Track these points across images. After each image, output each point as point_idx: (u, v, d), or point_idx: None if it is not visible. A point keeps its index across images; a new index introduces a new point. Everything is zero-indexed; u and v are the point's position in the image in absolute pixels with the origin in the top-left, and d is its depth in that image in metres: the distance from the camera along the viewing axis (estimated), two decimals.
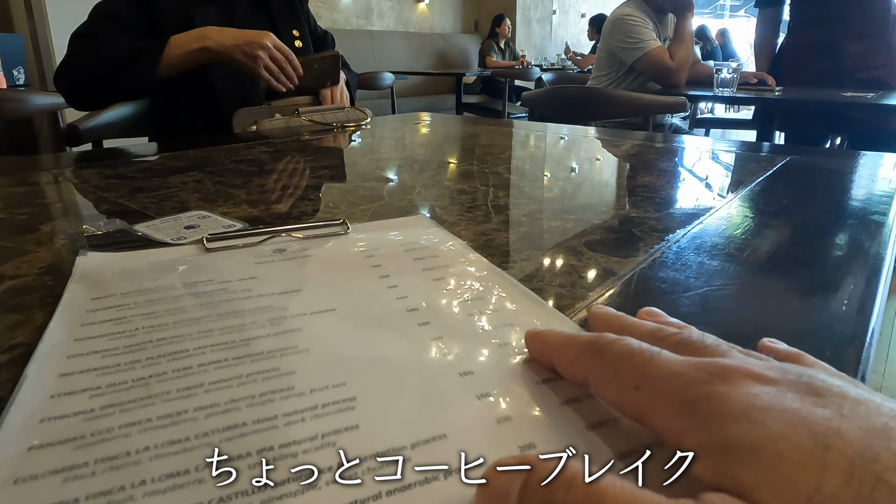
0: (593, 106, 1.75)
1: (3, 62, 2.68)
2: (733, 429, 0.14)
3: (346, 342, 0.24)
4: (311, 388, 0.21)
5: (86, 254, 0.34)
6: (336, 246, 0.36)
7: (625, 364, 0.18)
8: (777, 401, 0.14)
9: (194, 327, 0.25)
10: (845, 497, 0.11)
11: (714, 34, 6.49)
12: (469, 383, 0.21)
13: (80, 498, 0.16)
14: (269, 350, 0.23)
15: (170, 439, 0.18)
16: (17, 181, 0.58)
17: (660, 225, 0.43)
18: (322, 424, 0.19)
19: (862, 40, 2.04)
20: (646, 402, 0.17)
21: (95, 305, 0.28)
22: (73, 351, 0.23)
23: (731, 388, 0.15)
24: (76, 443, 0.18)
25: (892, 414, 0.14)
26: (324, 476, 0.16)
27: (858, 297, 0.32)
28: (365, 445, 0.18)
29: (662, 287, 0.32)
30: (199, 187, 0.55)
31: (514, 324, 0.26)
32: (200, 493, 0.16)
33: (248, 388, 0.21)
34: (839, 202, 0.55)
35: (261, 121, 0.98)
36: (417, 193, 0.54)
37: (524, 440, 0.18)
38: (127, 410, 0.19)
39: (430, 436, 0.18)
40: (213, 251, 0.35)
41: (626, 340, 0.19)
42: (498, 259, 0.36)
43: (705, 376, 0.16)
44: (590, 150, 0.84)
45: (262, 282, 0.30)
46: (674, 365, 0.17)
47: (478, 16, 6.43)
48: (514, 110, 4.21)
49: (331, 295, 0.29)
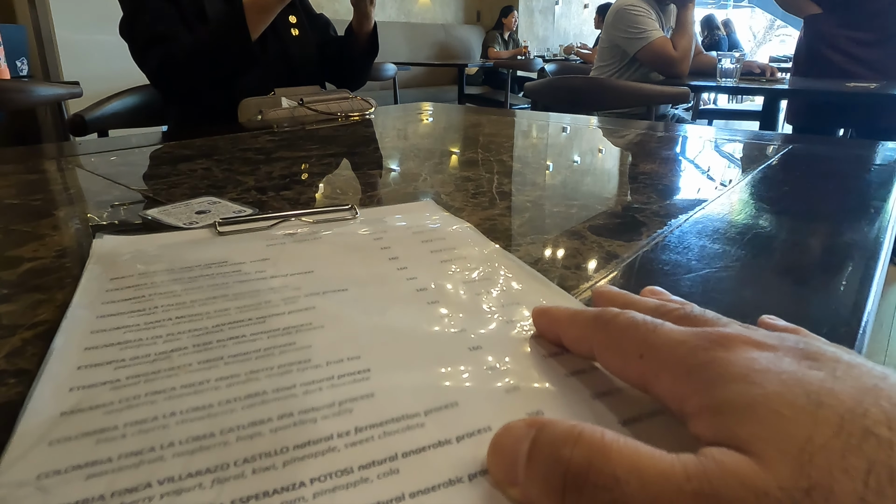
0: (596, 96, 1.75)
1: (6, 53, 2.68)
2: (732, 389, 0.15)
3: (358, 319, 0.25)
4: (327, 360, 0.22)
5: (102, 237, 0.35)
6: (345, 229, 0.37)
7: (629, 335, 0.19)
8: (774, 364, 0.15)
9: (211, 306, 0.26)
10: (835, 447, 0.12)
11: (718, 24, 6.44)
12: (478, 356, 0.22)
13: (112, 457, 0.17)
14: (284, 327, 0.24)
15: (194, 406, 0.19)
16: (29, 169, 0.59)
17: (662, 211, 0.44)
18: (339, 393, 0.20)
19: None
20: (649, 369, 0.17)
21: (114, 285, 0.29)
22: (96, 327, 0.24)
23: (731, 353, 0.16)
24: (105, 409, 0.19)
25: (881, 376, 0.14)
26: (342, 439, 0.17)
27: (857, 279, 0.32)
28: (380, 412, 0.19)
29: (665, 269, 0.33)
30: (208, 174, 0.56)
31: (521, 302, 0.27)
32: (226, 454, 0.17)
33: (267, 360, 0.22)
34: (839, 189, 0.55)
35: (266, 110, 0.99)
36: (423, 181, 0.54)
37: (532, 408, 0.19)
38: (151, 380, 0.20)
39: (442, 404, 0.19)
40: (226, 234, 0.36)
41: (630, 313, 0.19)
42: (503, 243, 0.37)
43: (707, 344, 0.17)
44: (592, 139, 0.84)
45: (275, 263, 0.31)
46: (676, 334, 0.18)
47: (480, 6, 6.39)
48: (517, 101, 4.20)
49: (342, 275, 0.30)
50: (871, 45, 1.99)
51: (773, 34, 10.64)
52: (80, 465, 0.16)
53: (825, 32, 2.05)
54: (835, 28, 2.02)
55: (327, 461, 0.16)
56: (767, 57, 6.42)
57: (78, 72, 3.03)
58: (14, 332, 0.25)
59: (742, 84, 2.00)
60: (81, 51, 3.17)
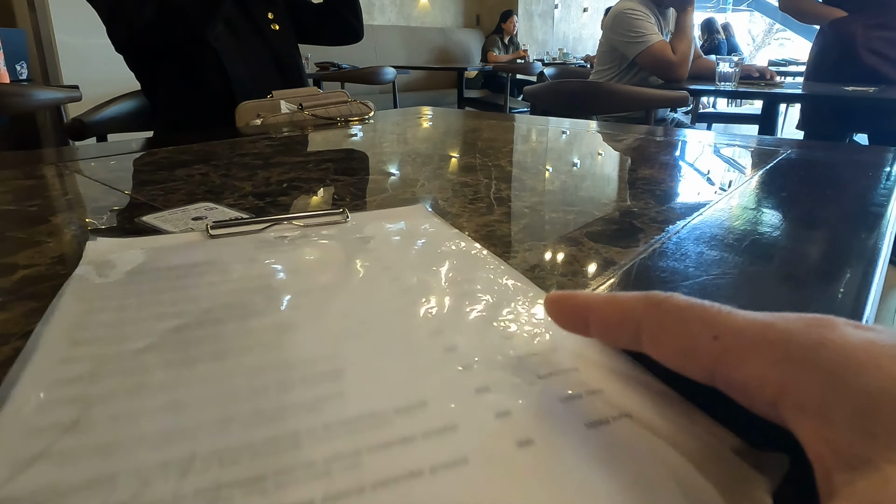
0: (595, 100, 1.75)
1: (6, 57, 2.69)
2: (867, 382, 0.13)
3: (336, 319, 0.25)
4: (302, 359, 0.22)
5: (95, 239, 0.36)
6: (335, 233, 0.37)
7: (698, 313, 0.17)
8: (892, 345, 0.13)
9: (195, 304, 0.26)
10: None
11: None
12: (452, 357, 0.22)
13: (80, 448, 0.17)
14: (263, 326, 0.25)
15: (165, 401, 0.19)
16: (26, 174, 0.59)
17: (660, 217, 0.44)
18: (310, 392, 0.20)
19: None
20: (729, 351, 0.15)
21: (102, 283, 0.29)
22: (83, 323, 0.25)
23: (840, 336, 0.14)
24: (79, 402, 0.19)
25: None
26: (309, 435, 0.18)
27: (856, 285, 0.32)
28: (349, 410, 0.19)
29: (662, 276, 0.33)
30: (205, 180, 0.56)
31: (502, 303, 0.27)
32: (194, 447, 0.17)
33: (242, 358, 0.22)
34: (838, 194, 0.55)
35: (264, 115, 0.99)
36: (421, 186, 0.54)
37: (500, 408, 0.19)
38: (128, 375, 0.21)
39: (411, 403, 0.19)
40: (217, 237, 0.36)
41: (683, 296, 0.18)
42: (501, 249, 0.37)
43: (803, 325, 0.15)
44: (591, 144, 0.84)
45: (262, 265, 0.32)
46: (755, 316, 0.16)
47: (479, 10, 6.41)
48: (516, 105, 4.20)
49: (326, 277, 0.30)
50: None
51: (772, 38, 10.67)
52: (49, 454, 0.17)
53: (857, 35, 2.00)
54: (866, 29, 1.98)
55: (292, 456, 0.17)
56: (766, 61, 6.43)
57: (77, 76, 3.03)
58: (7, 342, 0.25)
59: (741, 88, 2.00)
60: (81, 55, 3.18)
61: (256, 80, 1.18)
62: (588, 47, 6.83)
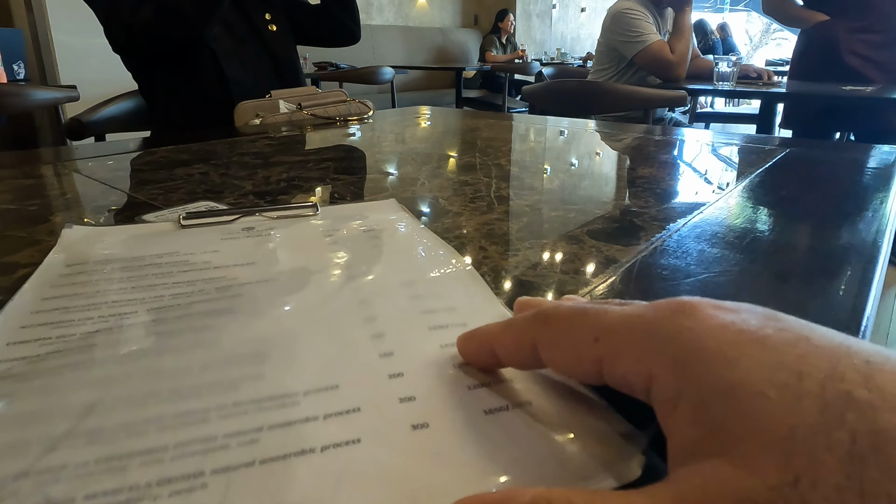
0: (593, 100, 1.76)
1: (3, 57, 2.68)
2: (708, 370, 0.13)
3: (275, 305, 0.26)
4: (232, 342, 0.23)
5: (71, 227, 0.36)
6: (301, 225, 0.38)
7: (577, 321, 0.17)
8: (745, 329, 0.14)
9: (149, 293, 0.27)
10: (820, 425, 0.11)
11: (714, 28, 6.47)
12: (376, 344, 0.23)
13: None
14: (206, 311, 0.26)
15: (96, 376, 0.20)
16: (25, 174, 0.59)
17: (660, 215, 0.44)
18: (230, 373, 0.21)
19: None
20: (607, 352, 0.16)
21: (68, 271, 0.30)
22: (38, 308, 0.26)
23: (697, 321, 0.15)
24: (15, 378, 0.20)
25: (832, 331, 0.14)
26: (217, 412, 0.18)
27: (856, 283, 0.32)
28: (263, 390, 0.20)
29: (663, 274, 0.33)
30: (206, 179, 0.56)
31: (443, 295, 0.28)
32: (109, 419, 0.18)
33: (175, 339, 0.23)
34: (837, 192, 0.56)
35: (263, 114, 0.99)
36: (421, 185, 0.54)
37: (407, 393, 0.20)
38: (66, 355, 0.22)
39: (322, 386, 0.20)
40: (188, 227, 0.37)
41: (571, 303, 0.18)
42: (501, 247, 0.37)
43: (667, 313, 0.15)
44: (590, 143, 0.84)
45: (222, 255, 0.33)
46: (631, 310, 0.16)
47: (477, 10, 6.41)
48: (514, 105, 4.21)
49: (279, 268, 0.31)
50: (881, 46, 1.99)
51: (769, 38, 10.69)
52: None
53: (839, 37, 2.02)
54: (847, 32, 2.00)
55: (196, 429, 0.18)
56: (764, 61, 6.44)
57: (75, 75, 3.03)
58: None
59: (739, 87, 2.01)
60: (79, 54, 3.17)
61: (254, 80, 1.18)
62: (586, 47, 6.84)
